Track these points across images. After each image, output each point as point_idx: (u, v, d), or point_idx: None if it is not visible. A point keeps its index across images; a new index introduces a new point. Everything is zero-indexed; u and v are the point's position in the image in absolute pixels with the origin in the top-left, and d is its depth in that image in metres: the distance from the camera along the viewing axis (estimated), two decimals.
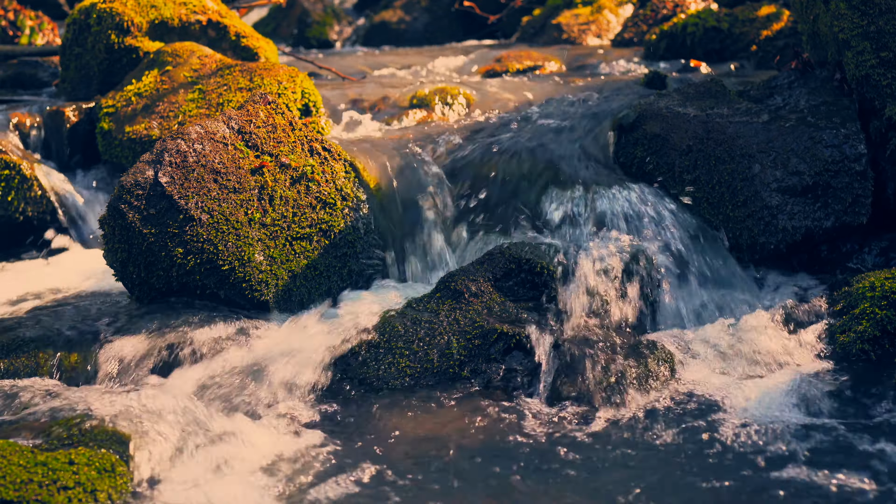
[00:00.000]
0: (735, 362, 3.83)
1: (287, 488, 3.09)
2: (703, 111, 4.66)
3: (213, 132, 4.40)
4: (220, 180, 4.27)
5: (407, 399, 3.63)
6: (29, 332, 4.04)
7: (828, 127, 4.47)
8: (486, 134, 5.16)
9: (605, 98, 5.52)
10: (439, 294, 4.00)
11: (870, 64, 4.37)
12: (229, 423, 3.43)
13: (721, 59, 7.13)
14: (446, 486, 3.08)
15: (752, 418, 3.38)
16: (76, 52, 6.25)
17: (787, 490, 2.96)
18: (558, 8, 9.11)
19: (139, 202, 4.20)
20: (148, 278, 4.23)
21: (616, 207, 4.47)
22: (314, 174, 4.43)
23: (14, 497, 2.84)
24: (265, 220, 4.27)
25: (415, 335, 3.84)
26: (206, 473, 3.17)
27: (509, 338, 3.79)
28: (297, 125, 4.56)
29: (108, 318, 4.16)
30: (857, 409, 3.40)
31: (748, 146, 4.44)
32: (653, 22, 8.21)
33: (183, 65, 5.79)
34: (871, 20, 4.34)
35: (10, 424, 3.37)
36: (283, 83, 5.45)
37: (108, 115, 5.67)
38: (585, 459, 3.19)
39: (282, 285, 4.21)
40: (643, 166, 4.68)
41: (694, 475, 3.08)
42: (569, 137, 4.91)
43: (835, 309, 4.01)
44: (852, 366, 3.74)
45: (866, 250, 4.43)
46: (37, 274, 5.14)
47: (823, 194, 4.36)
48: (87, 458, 3.04)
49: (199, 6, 6.33)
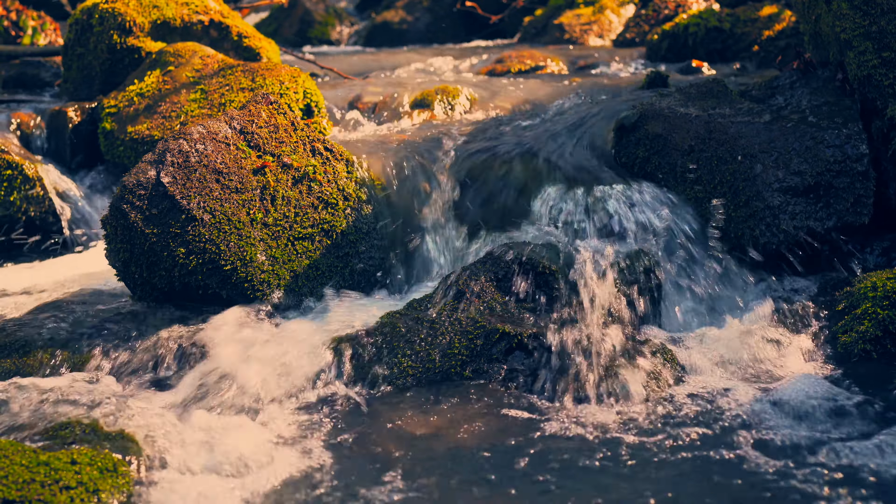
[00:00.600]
0: (737, 363, 3.83)
1: (289, 487, 3.09)
2: (704, 111, 4.66)
3: (216, 132, 4.40)
4: (222, 180, 4.28)
5: (409, 399, 3.64)
6: (31, 332, 4.04)
7: (830, 127, 4.47)
8: (488, 134, 5.16)
9: (606, 98, 5.52)
10: (441, 294, 4.00)
11: (872, 64, 4.37)
12: (231, 422, 3.43)
13: (723, 60, 7.13)
14: (448, 485, 3.09)
15: (754, 419, 3.38)
16: (78, 52, 6.26)
17: (791, 490, 2.96)
18: (560, 8, 9.12)
19: (141, 202, 4.20)
20: (150, 278, 4.23)
21: (618, 207, 4.47)
22: (316, 174, 4.43)
23: (16, 497, 2.84)
24: (267, 220, 4.27)
25: (417, 335, 3.85)
26: (207, 472, 3.17)
27: (511, 338, 3.79)
28: (299, 125, 4.57)
29: (110, 319, 4.16)
30: (860, 410, 3.40)
31: (750, 146, 4.44)
32: (654, 22, 8.22)
33: (185, 65, 5.79)
34: (872, 20, 4.34)
35: (12, 424, 3.37)
36: (285, 83, 5.45)
37: (110, 116, 5.68)
38: (587, 460, 3.19)
39: (284, 285, 4.22)
40: (645, 166, 4.68)
41: (694, 476, 3.08)
42: (571, 137, 4.91)
43: (836, 309, 4.01)
44: (854, 366, 3.74)
45: (868, 250, 4.43)
46: (39, 274, 5.15)
47: (825, 194, 4.36)
48: (90, 458, 3.04)
49: (201, 6, 6.33)
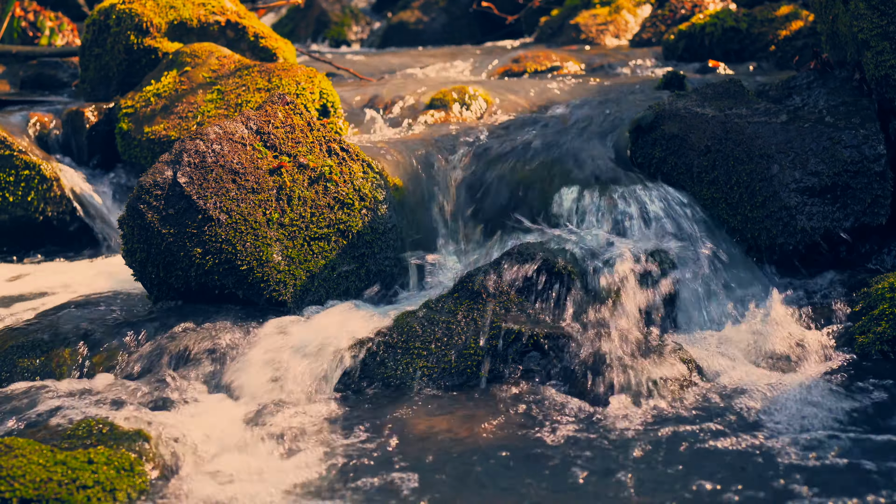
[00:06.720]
0: (754, 364, 3.82)
1: (305, 486, 3.10)
2: (721, 111, 4.65)
3: (232, 132, 4.41)
4: (238, 180, 4.29)
5: (424, 399, 3.64)
6: (48, 332, 4.06)
7: (847, 127, 4.46)
8: (504, 134, 5.16)
9: (623, 98, 5.51)
10: (457, 294, 4.00)
11: (889, 64, 4.35)
12: (247, 421, 3.44)
13: (740, 60, 7.11)
14: (463, 485, 3.09)
15: (772, 420, 3.37)
16: (96, 52, 6.28)
17: (808, 491, 2.96)
18: (576, 8, 9.11)
19: (158, 202, 4.22)
20: (167, 278, 4.24)
21: (634, 208, 4.47)
22: (332, 174, 4.44)
23: (34, 496, 2.86)
24: (283, 221, 4.28)
25: (432, 335, 3.85)
26: (224, 472, 3.18)
27: (527, 338, 3.78)
28: (316, 125, 4.57)
29: (127, 319, 4.17)
30: (877, 411, 3.38)
31: (767, 146, 4.43)
32: (671, 22, 8.20)
33: (202, 65, 5.81)
34: (890, 20, 4.32)
35: (29, 424, 3.39)
36: (301, 84, 5.46)
37: (127, 116, 5.70)
38: (603, 461, 3.19)
39: (300, 285, 4.22)
40: (661, 167, 4.67)
41: (711, 478, 3.08)
42: (587, 138, 4.91)
43: (854, 310, 4.00)
44: (871, 367, 3.72)
45: (885, 251, 4.42)
46: (55, 274, 5.17)
47: (842, 195, 4.34)
48: (107, 458, 3.05)
49: (217, 7, 6.35)
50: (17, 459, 2.95)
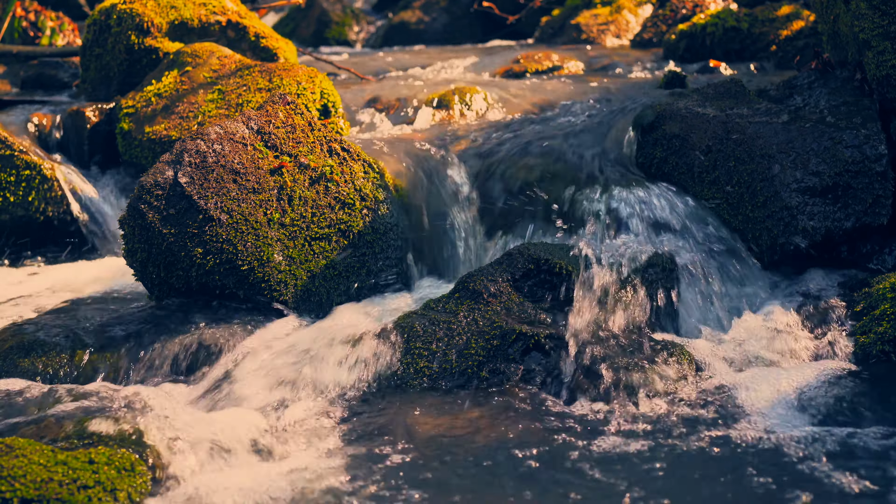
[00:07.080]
0: (754, 364, 3.82)
1: (308, 485, 3.10)
2: (722, 111, 4.65)
3: (233, 132, 4.41)
4: (239, 180, 4.29)
5: (425, 399, 3.64)
6: (49, 332, 4.06)
7: (848, 127, 4.46)
8: (504, 134, 5.16)
9: (624, 98, 5.51)
10: (458, 294, 4.00)
11: (891, 64, 4.35)
12: (248, 420, 3.44)
13: (741, 60, 7.11)
14: (464, 485, 3.09)
15: (771, 421, 3.37)
16: (96, 52, 6.28)
17: (808, 491, 2.95)
18: (577, 8, 9.11)
19: (159, 202, 4.22)
20: (167, 278, 4.24)
21: (635, 208, 4.46)
22: (333, 174, 4.44)
23: (34, 496, 2.85)
24: (284, 221, 4.28)
25: (433, 336, 3.85)
26: (224, 470, 3.18)
27: (528, 338, 3.78)
28: (317, 125, 4.57)
29: (128, 319, 4.17)
30: (878, 411, 3.38)
31: (768, 146, 4.43)
32: (672, 22, 8.19)
33: (202, 65, 5.81)
34: (891, 20, 4.32)
35: (30, 424, 3.38)
36: (302, 83, 5.46)
37: (127, 116, 5.70)
38: (604, 460, 3.19)
39: (300, 285, 4.22)
40: (662, 166, 4.67)
41: (711, 478, 3.08)
42: (588, 138, 4.90)
43: (855, 310, 4.00)
44: (872, 367, 3.72)
45: (886, 251, 4.41)
46: (56, 274, 5.17)
47: (843, 195, 4.34)
48: (107, 458, 3.05)
49: (218, 7, 6.35)
50: (18, 459, 2.95)
